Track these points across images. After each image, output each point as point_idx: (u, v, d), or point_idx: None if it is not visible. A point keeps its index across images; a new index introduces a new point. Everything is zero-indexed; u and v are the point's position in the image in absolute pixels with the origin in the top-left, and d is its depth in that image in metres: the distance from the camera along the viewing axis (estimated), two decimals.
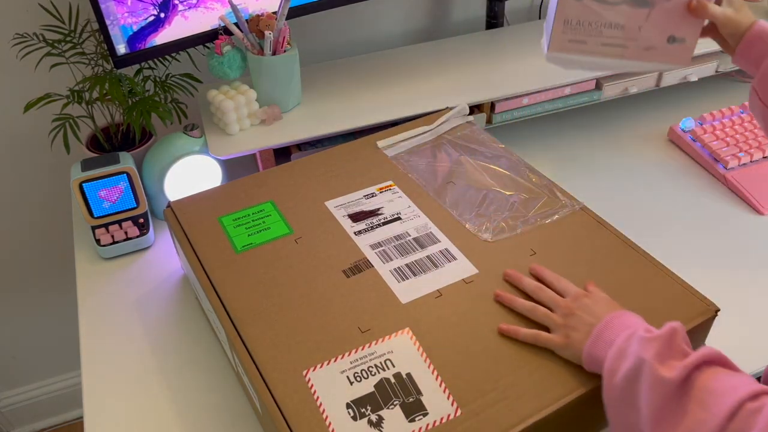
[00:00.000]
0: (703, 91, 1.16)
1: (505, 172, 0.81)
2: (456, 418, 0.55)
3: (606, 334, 0.56)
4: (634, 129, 1.10)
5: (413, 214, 0.75)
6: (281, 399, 0.57)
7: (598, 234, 0.72)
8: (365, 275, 0.68)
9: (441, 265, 0.69)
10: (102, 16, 0.81)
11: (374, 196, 0.78)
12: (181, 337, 0.78)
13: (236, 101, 0.90)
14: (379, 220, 0.74)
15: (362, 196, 0.78)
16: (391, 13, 1.19)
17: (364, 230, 0.73)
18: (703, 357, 0.49)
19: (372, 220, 0.74)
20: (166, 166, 0.89)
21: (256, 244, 0.72)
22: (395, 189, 0.78)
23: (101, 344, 0.77)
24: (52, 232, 1.20)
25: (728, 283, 0.81)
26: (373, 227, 0.73)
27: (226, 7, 0.89)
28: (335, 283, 0.67)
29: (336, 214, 0.75)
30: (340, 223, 0.74)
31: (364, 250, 0.71)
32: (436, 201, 0.77)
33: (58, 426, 1.51)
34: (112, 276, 0.86)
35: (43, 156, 1.10)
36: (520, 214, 0.74)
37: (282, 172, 0.83)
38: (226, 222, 0.75)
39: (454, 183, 0.79)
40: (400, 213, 0.75)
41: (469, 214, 0.75)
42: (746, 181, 0.95)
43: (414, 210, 0.75)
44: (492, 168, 0.81)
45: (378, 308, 0.64)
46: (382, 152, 0.85)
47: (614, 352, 0.53)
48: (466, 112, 0.91)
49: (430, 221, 0.74)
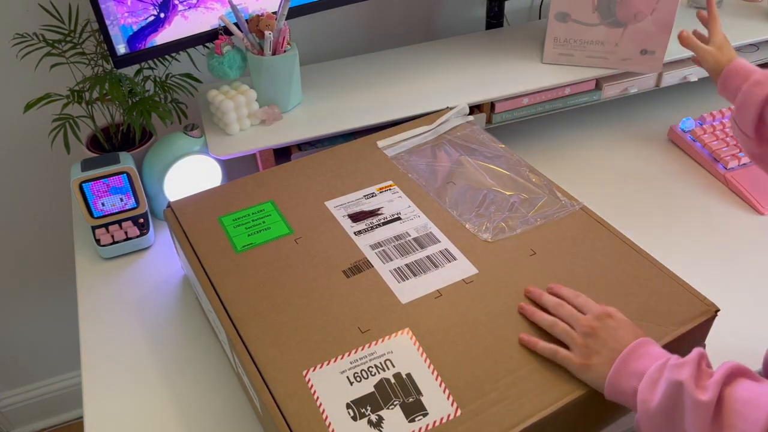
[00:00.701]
0: (703, 91, 1.16)
1: (505, 172, 0.81)
2: (456, 418, 0.55)
3: (632, 365, 0.55)
4: (634, 129, 1.10)
5: (413, 214, 0.75)
6: (281, 399, 0.57)
7: (598, 234, 0.72)
8: (365, 275, 0.68)
9: (441, 265, 0.68)
10: (102, 16, 0.81)
11: (374, 196, 0.78)
12: (181, 337, 0.78)
13: (236, 101, 0.90)
14: (379, 220, 0.74)
15: (362, 196, 0.78)
16: (390, 13, 1.19)
17: (364, 230, 0.73)
18: (729, 370, 0.50)
19: (372, 220, 0.74)
20: (166, 166, 0.89)
21: (256, 244, 0.72)
22: (395, 189, 0.78)
23: (101, 344, 0.77)
24: (52, 232, 1.20)
25: (728, 283, 0.81)
26: (373, 227, 0.73)
27: (226, 7, 0.89)
28: (335, 283, 0.67)
29: (336, 214, 0.75)
30: (340, 223, 0.74)
31: (364, 250, 0.71)
32: (436, 201, 0.77)
33: (58, 426, 1.51)
34: (112, 276, 0.86)
35: (43, 156, 1.10)
36: (520, 214, 0.74)
37: (282, 172, 0.83)
38: (226, 222, 0.75)
39: (454, 183, 0.79)
40: (400, 213, 0.75)
41: (469, 214, 0.75)
42: (746, 181, 0.95)
43: (414, 210, 0.75)
44: (492, 168, 0.81)
45: (378, 308, 0.64)
46: (383, 152, 0.85)
47: (647, 383, 0.53)
48: (466, 111, 0.91)
49: (430, 221, 0.74)
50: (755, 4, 1.18)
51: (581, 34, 0.99)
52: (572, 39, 0.99)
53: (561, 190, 0.78)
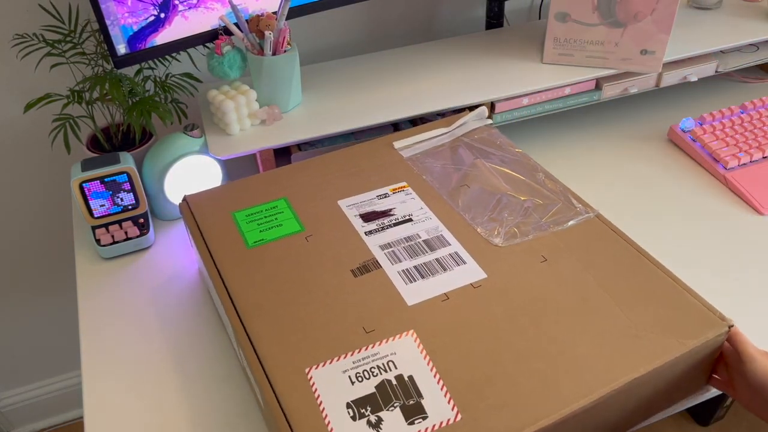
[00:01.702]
0: (703, 91, 1.17)
1: (521, 176, 0.80)
2: (456, 422, 0.55)
3: None
4: (634, 129, 1.10)
5: (425, 216, 0.75)
6: (282, 395, 0.57)
7: (613, 243, 0.71)
8: (373, 275, 0.68)
9: (450, 268, 0.68)
10: (102, 16, 0.81)
11: (387, 197, 0.78)
12: (181, 337, 0.78)
13: (236, 101, 0.90)
14: (391, 221, 0.74)
15: (375, 197, 0.78)
16: (391, 13, 1.19)
17: (374, 230, 0.73)
18: None
19: (383, 220, 0.74)
20: (166, 166, 0.89)
21: (267, 240, 0.73)
22: (408, 190, 0.78)
23: (101, 344, 0.77)
24: (52, 232, 1.20)
25: (728, 283, 0.81)
26: (384, 228, 0.73)
27: (226, 7, 0.89)
28: (343, 282, 0.67)
29: (348, 214, 0.76)
30: (351, 223, 0.74)
31: (374, 251, 0.71)
32: (448, 204, 0.76)
33: (58, 426, 1.51)
34: (112, 276, 0.86)
35: (43, 156, 1.10)
36: (533, 220, 0.74)
37: (297, 170, 0.83)
38: (239, 217, 0.76)
39: (468, 186, 0.79)
40: (412, 214, 0.75)
41: (481, 218, 0.74)
42: (746, 181, 0.95)
43: (426, 212, 0.75)
44: (507, 172, 0.81)
45: (384, 309, 0.64)
46: (398, 153, 0.85)
47: None
48: (485, 115, 0.91)
49: (441, 224, 0.74)
50: (755, 4, 1.18)
51: (581, 34, 0.99)
52: (572, 39, 0.99)
53: (576, 197, 0.77)
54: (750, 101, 1.06)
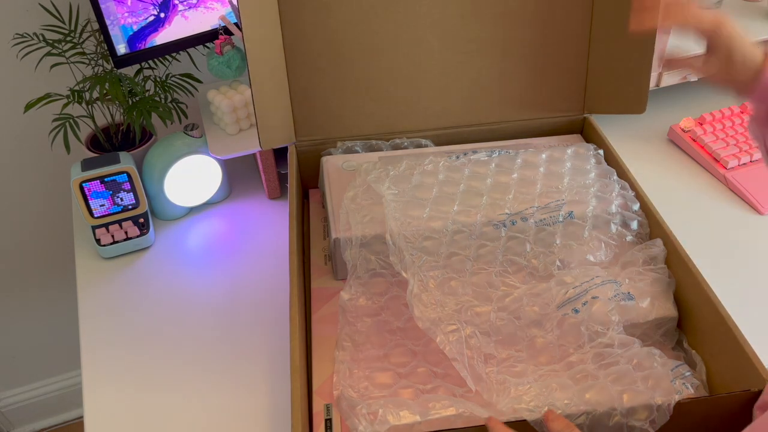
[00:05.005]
0: (703, 91, 1.16)
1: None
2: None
3: None
4: (634, 129, 1.09)
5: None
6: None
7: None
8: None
9: None
10: (102, 16, 0.81)
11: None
12: (181, 337, 0.78)
13: (236, 101, 0.90)
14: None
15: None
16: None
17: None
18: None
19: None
20: (166, 166, 0.89)
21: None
22: None
23: (101, 344, 0.77)
24: (52, 232, 1.20)
25: (728, 283, 0.81)
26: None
27: (226, 7, 0.89)
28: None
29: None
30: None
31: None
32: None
33: (58, 426, 1.51)
34: (113, 276, 0.86)
35: (43, 156, 1.09)
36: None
37: None
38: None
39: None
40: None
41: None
42: (746, 181, 0.95)
43: None
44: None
45: None
46: None
47: None
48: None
49: None
50: (755, 4, 1.18)
51: None
52: None
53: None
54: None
